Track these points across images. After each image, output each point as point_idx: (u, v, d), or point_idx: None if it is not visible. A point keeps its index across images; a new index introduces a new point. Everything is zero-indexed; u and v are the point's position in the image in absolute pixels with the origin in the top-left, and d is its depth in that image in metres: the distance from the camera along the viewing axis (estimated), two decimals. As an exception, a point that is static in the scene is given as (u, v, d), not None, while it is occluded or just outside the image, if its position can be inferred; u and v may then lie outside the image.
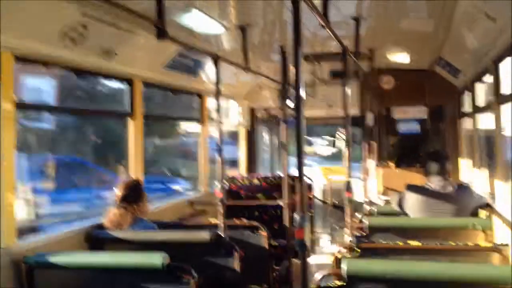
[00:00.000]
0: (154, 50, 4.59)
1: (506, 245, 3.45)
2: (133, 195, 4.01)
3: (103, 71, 4.33)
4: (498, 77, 4.37)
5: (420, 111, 7.62)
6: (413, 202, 4.61)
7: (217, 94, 4.01)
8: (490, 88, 4.74)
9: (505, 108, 4.41)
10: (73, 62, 3.91)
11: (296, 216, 2.24)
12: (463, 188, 4.65)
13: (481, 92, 5.61)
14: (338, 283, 2.82)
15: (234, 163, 8.44)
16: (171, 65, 5.01)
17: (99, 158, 14.47)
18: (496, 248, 3.32)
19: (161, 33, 3.14)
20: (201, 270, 3.17)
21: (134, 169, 4.82)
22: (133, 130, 4.80)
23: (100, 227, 3.97)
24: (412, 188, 4.74)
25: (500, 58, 4.23)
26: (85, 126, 14.25)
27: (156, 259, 3.00)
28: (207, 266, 3.70)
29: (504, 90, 4.35)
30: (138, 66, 4.66)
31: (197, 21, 4.25)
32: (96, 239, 3.90)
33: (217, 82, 3.99)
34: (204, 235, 3.71)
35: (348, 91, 3.78)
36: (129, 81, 4.73)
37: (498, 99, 4.38)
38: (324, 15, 3.18)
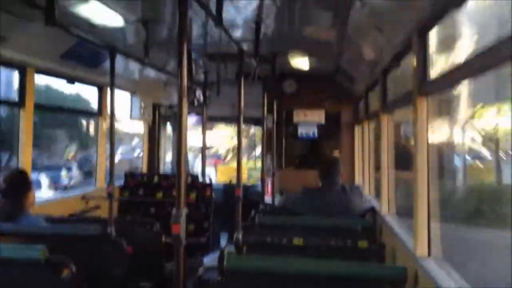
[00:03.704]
0: (50, 38, 4.43)
1: (382, 245, 3.68)
2: (19, 187, 3.84)
3: None
4: (385, 87, 4.63)
5: (320, 116, 7.91)
6: (307, 204, 4.79)
7: (112, 86, 3.95)
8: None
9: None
10: None
11: (174, 211, 2.27)
12: (354, 191, 4.89)
13: (374, 101, 5.93)
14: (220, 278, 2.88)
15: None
16: (69, 55, 4.85)
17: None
18: (373, 248, 3.52)
19: (49, 19, 3.05)
20: (86, 266, 3.10)
21: (24, 161, 4.62)
22: (24, 120, 4.61)
23: None
24: (307, 190, 4.93)
25: (388, 70, 4.49)
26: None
27: (34, 252, 2.90)
28: (93, 261, 3.63)
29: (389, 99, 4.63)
30: (32, 54, 4.48)
31: (95, 12, 4.16)
32: None
33: (112, 75, 3.93)
34: (90, 230, 3.64)
35: (242, 92, 3.85)
36: (21, 69, 4.53)
37: (383, 108, 4.65)
38: (219, 14, 3.24)
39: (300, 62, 6.78)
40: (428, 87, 2.91)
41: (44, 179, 18.43)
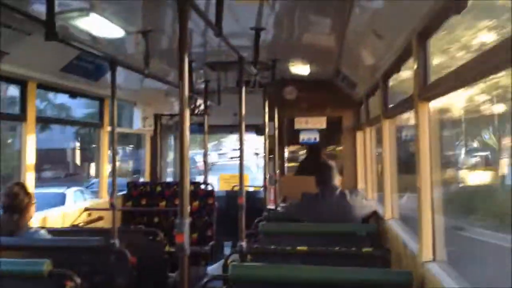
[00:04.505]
0: (51, 52, 4.44)
1: (387, 250, 3.68)
2: (21, 201, 3.84)
3: None
4: (386, 92, 4.63)
5: (321, 122, 7.92)
6: (308, 211, 4.79)
7: (113, 98, 3.96)
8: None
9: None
10: None
11: (177, 221, 2.27)
12: (354, 196, 4.89)
13: (374, 105, 5.92)
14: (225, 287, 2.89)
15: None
16: (69, 68, 4.87)
17: None
18: (377, 254, 3.51)
19: (50, 33, 3.06)
20: (90, 277, 3.11)
21: (26, 175, 4.62)
22: (25, 134, 4.62)
23: None
24: (307, 196, 4.93)
25: (388, 74, 4.50)
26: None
27: (38, 265, 2.91)
28: (97, 272, 3.63)
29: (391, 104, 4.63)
30: (33, 68, 4.50)
31: (95, 24, 4.17)
32: None
33: (113, 86, 3.94)
34: (93, 241, 3.64)
35: (243, 100, 3.86)
36: (22, 83, 4.55)
37: (384, 113, 4.65)
38: (218, 24, 3.25)
39: (300, 68, 6.79)
40: (429, 92, 2.91)
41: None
